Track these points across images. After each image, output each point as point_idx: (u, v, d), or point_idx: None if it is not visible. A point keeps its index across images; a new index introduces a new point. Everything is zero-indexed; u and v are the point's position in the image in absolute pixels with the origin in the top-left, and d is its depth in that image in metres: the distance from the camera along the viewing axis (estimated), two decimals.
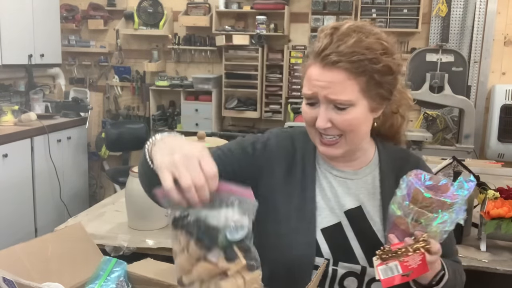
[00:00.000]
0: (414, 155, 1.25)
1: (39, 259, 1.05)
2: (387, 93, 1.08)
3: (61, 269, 1.06)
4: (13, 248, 1.04)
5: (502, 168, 2.78)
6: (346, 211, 1.14)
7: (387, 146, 1.22)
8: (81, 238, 1.17)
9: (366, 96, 1.05)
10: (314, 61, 1.05)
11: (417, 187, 0.97)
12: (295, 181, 1.15)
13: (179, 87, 4.27)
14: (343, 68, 1.01)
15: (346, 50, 1.01)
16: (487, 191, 1.72)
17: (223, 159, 1.13)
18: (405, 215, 0.98)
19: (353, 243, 1.12)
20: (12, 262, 1.01)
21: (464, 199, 0.98)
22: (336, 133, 1.07)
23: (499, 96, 3.81)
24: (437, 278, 1.05)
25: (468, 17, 3.90)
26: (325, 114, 1.04)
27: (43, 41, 4.06)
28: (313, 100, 1.06)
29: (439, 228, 0.97)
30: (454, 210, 0.96)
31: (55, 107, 4.17)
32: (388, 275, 0.98)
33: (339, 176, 1.16)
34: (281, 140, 1.19)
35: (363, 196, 1.15)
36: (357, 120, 1.05)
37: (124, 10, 4.47)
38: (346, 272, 1.11)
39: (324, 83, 1.03)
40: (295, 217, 1.12)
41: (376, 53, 1.03)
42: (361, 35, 1.03)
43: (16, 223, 3.43)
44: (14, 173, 3.43)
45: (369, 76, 1.03)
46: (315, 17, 4.00)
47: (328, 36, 1.04)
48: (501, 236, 1.67)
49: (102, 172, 4.69)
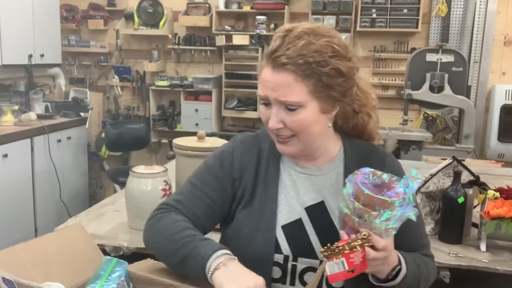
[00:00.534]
0: (382, 150, 1.27)
1: (39, 259, 1.05)
2: (338, 95, 1.09)
3: (61, 269, 1.07)
4: (13, 248, 1.04)
5: (502, 168, 2.79)
6: (307, 207, 1.17)
7: (355, 143, 1.24)
8: (81, 238, 1.17)
9: (316, 98, 1.07)
10: (267, 62, 1.08)
11: (360, 186, 1.00)
12: (260, 181, 1.19)
13: (179, 87, 4.28)
14: (291, 70, 1.04)
15: (295, 53, 1.04)
16: (487, 191, 1.72)
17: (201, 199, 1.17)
18: (351, 213, 1.01)
19: (313, 238, 1.15)
20: (12, 262, 1.01)
21: (407, 197, 1.00)
22: (288, 134, 1.10)
23: (499, 96, 3.82)
24: (393, 273, 1.07)
25: (468, 17, 3.90)
26: (276, 115, 1.08)
27: (43, 41, 4.06)
28: (267, 101, 1.10)
29: (383, 225, 0.99)
30: (396, 207, 0.99)
31: (55, 107, 4.17)
32: (335, 271, 1.01)
33: (303, 172, 1.19)
34: (245, 147, 1.22)
35: (326, 192, 1.18)
36: (307, 121, 1.08)
37: (124, 10, 4.48)
38: (306, 267, 1.14)
39: (274, 85, 1.06)
40: (256, 215, 1.16)
41: (325, 56, 1.05)
42: (312, 38, 1.05)
43: (16, 223, 3.43)
44: (14, 173, 3.43)
45: (317, 78, 1.05)
46: (315, 17, 4.00)
47: (280, 38, 1.07)
48: (501, 236, 1.67)
49: (102, 172, 4.69)
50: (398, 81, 4.07)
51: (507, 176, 2.62)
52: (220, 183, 1.19)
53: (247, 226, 1.15)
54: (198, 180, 1.21)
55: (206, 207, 1.17)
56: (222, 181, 1.19)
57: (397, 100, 4.09)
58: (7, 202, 3.36)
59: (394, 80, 4.10)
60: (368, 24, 3.91)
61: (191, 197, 1.18)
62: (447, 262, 1.59)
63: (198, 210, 1.16)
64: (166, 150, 4.52)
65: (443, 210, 1.75)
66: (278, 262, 1.13)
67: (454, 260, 1.60)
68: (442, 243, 1.73)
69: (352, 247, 0.99)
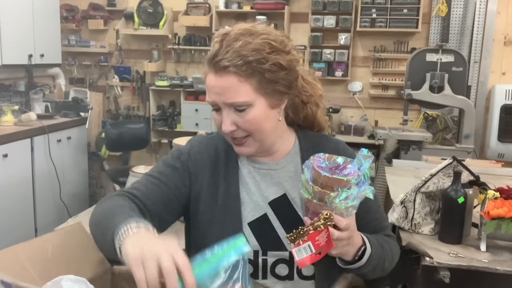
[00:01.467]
0: (334, 139, 1.31)
1: (39, 259, 1.05)
2: (284, 88, 1.12)
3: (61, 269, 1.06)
4: (13, 248, 1.04)
5: (502, 168, 2.78)
6: (270, 201, 1.19)
7: (308, 134, 1.28)
8: (81, 238, 1.17)
9: (262, 94, 1.10)
10: (209, 68, 1.10)
11: (317, 170, 1.02)
12: (220, 181, 1.20)
13: (179, 87, 4.28)
14: (233, 72, 1.06)
15: (234, 55, 1.06)
16: (487, 191, 1.72)
17: (157, 185, 1.17)
18: (312, 197, 1.03)
19: (280, 231, 1.17)
20: (12, 262, 1.01)
21: (361, 174, 1.02)
22: (243, 134, 1.13)
23: (499, 96, 3.82)
24: (359, 253, 1.10)
25: (468, 17, 3.90)
26: (228, 118, 1.10)
27: (43, 41, 4.06)
28: (216, 106, 1.12)
29: (342, 205, 1.02)
30: (353, 185, 1.01)
31: (55, 107, 4.17)
32: (303, 255, 1.03)
33: (262, 168, 1.22)
34: (203, 146, 1.25)
35: (287, 184, 1.21)
36: (258, 118, 1.10)
37: (124, 10, 4.48)
38: (276, 260, 1.16)
39: (219, 89, 1.08)
40: (221, 215, 1.17)
41: (263, 53, 1.07)
42: (248, 38, 1.08)
43: (16, 223, 3.43)
44: (14, 173, 3.43)
45: (260, 75, 1.08)
46: (315, 17, 4.00)
47: (218, 43, 1.09)
48: (501, 236, 1.67)
49: (102, 172, 4.69)
50: (398, 81, 4.07)
51: (507, 176, 2.61)
52: (177, 173, 1.20)
53: (213, 225, 1.17)
54: (154, 171, 1.22)
55: (161, 193, 1.16)
56: (179, 171, 1.20)
57: (397, 100, 4.09)
58: (7, 202, 3.36)
59: (394, 80, 4.10)
60: (368, 24, 3.91)
61: (147, 184, 1.18)
62: (447, 262, 1.59)
63: (153, 196, 1.15)
64: (166, 150, 4.52)
65: (443, 210, 1.75)
66: (249, 258, 1.14)
67: (454, 260, 1.60)
68: (442, 243, 1.73)
69: (316, 227, 1.01)
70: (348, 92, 4.18)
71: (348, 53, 4.04)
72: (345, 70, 4.08)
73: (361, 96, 4.19)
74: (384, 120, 4.17)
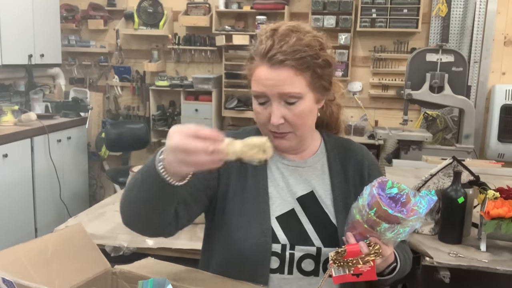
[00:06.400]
0: (357, 143, 1.36)
1: (39, 259, 1.05)
2: (327, 84, 1.19)
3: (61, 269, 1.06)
4: (13, 248, 1.04)
5: (502, 168, 2.78)
6: (298, 197, 1.22)
7: (331, 135, 1.33)
8: (81, 238, 1.17)
9: (312, 89, 1.15)
10: (261, 62, 1.13)
11: (378, 200, 1.02)
12: (248, 176, 1.22)
13: (179, 87, 4.27)
14: (290, 65, 1.10)
15: (290, 49, 1.10)
16: (487, 191, 1.72)
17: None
18: (363, 221, 1.04)
19: (307, 227, 1.19)
20: (12, 262, 1.01)
21: (422, 216, 1.02)
22: (287, 129, 1.16)
23: (499, 96, 3.81)
24: (389, 269, 1.14)
25: (468, 17, 3.90)
26: (278, 111, 1.13)
27: (43, 41, 4.06)
28: (264, 99, 1.14)
29: (392, 238, 1.04)
30: (410, 223, 1.02)
31: (55, 107, 4.17)
32: (340, 273, 1.05)
33: (290, 165, 1.25)
34: None
35: (315, 182, 1.24)
36: (305, 112, 1.15)
37: (124, 10, 4.47)
38: (303, 254, 1.17)
39: (274, 81, 1.11)
40: (249, 208, 1.19)
41: (316, 49, 1.13)
42: (300, 34, 1.13)
43: (16, 223, 3.43)
44: (14, 173, 3.43)
45: (313, 70, 1.13)
46: (315, 17, 4.00)
47: (269, 38, 1.13)
48: (501, 236, 1.67)
49: (102, 172, 4.69)
50: (398, 81, 4.07)
51: (507, 176, 2.61)
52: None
53: (241, 218, 1.18)
54: None
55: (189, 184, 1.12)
56: None
57: (397, 100, 4.09)
58: (7, 202, 3.36)
59: (394, 80, 4.10)
60: (368, 24, 3.91)
61: None
62: (447, 262, 1.59)
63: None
64: None
65: (443, 210, 1.75)
66: (276, 252, 1.15)
67: (454, 260, 1.60)
68: (442, 243, 1.73)
69: (365, 261, 1.03)
70: (348, 92, 4.19)
71: (348, 53, 4.04)
72: (345, 70, 4.08)
73: (361, 96, 4.19)
74: (384, 120, 4.17)
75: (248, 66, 1.19)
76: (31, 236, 3.51)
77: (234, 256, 1.16)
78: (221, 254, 1.20)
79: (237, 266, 1.16)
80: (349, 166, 1.27)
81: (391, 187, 1.06)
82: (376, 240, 1.04)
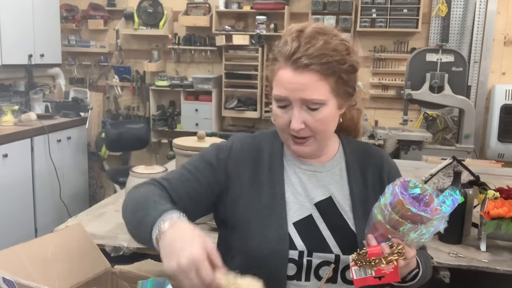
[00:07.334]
0: (376, 148, 1.31)
1: (39, 259, 1.05)
2: (352, 89, 1.14)
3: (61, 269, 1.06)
4: (13, 248, 1.04)
5: (502, 168, 2.79)
6: (316, 203, 1.17)
7: (350, 140, 1.29)
8: (81, 238, 1.17)
9: (335, 95, 1.10)
10: (285, 64, 1.08)
11: (401, 198, 0.99)
12: (263, 179, 1.18)
13: (179, 87, 4.28)
14: (315, 70, 1.06)
15: (316, 53, 1.05)
16: (487, 191, 1.72)
17: (188, 179, 1.17)
18: (385, 221, 1.01)
19: (326, 233, 1.15)
20: (12, 262, 1.01)
21: (446, 215, 1.00)
22: (307, 134, 1.12)
23: (499, 96, 3.82)
24: (411, 275, 1.10)
25: (468, 17, 3.90)
26: (299, 116, 1.08)
27: (43, 41, 4.06)
28: (285, 103, 1.10)
29: (416, 238, 1.00)
30: (433, 223, 0.99)
31: (55, 107, 4.17)
32: (361, 275, 1.02)
33: (308, 170, 1.20)
34: (244, 143, 1.23)
35: (333, 187, 1.20)
36: (327, 119, 1.11)
37: (124, 10, 4.48)
38: (321, 261, 1.13)
39: (298, 85, 1.07)
40: (266, 214, 1.15)
41: (342, 54, 1.08)
42: (327, 38, 1.08)
43: (16, 223, 3.43)
44: (14, 173, 3.43)
45: (338, 76, 1.08)
46: (315, 17, 4.00)
47: (295, 40, 1.08)
48: (501, 236, 1.67)
49: (102, 172, 4.69)
50: (398, 81, 4.07)
51: (507, 176, 2.62)
52: (212, 170, 1.18)
53: (257, 225, 1.14)
54: (189, 164, 1.21)
55: (191, 188, 1.15)
56: (214, 169, 1.18)
57: (397, 100, 4.09)
58: (7, 202, 3.36)
59: (394, 80, 4.10)
60: (368, 24, 3.91)
61: (179, 176, 1.18)
62: (447, 262, 1.59)
63: (182, 189, 1.15)
64: (166, 150, 4.52)
65: None
66: (293, 259, 1.12)
67: (454, 260, 1.60)
68: (442, 243, 1.73)
69: (389, 261, 1.00)
70: None
71: None
72: None
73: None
74: (384, 120, 4.17)
75: (271, 67, 1.15)
76: (31, 236, 3.51)
77: (250, 263, 1.12)
78: (237, 260, 1.16)
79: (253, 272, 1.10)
80: (368, 171, 1.23)
81: (414, 187, 1.02)
82: (398, 241, 1.01)
